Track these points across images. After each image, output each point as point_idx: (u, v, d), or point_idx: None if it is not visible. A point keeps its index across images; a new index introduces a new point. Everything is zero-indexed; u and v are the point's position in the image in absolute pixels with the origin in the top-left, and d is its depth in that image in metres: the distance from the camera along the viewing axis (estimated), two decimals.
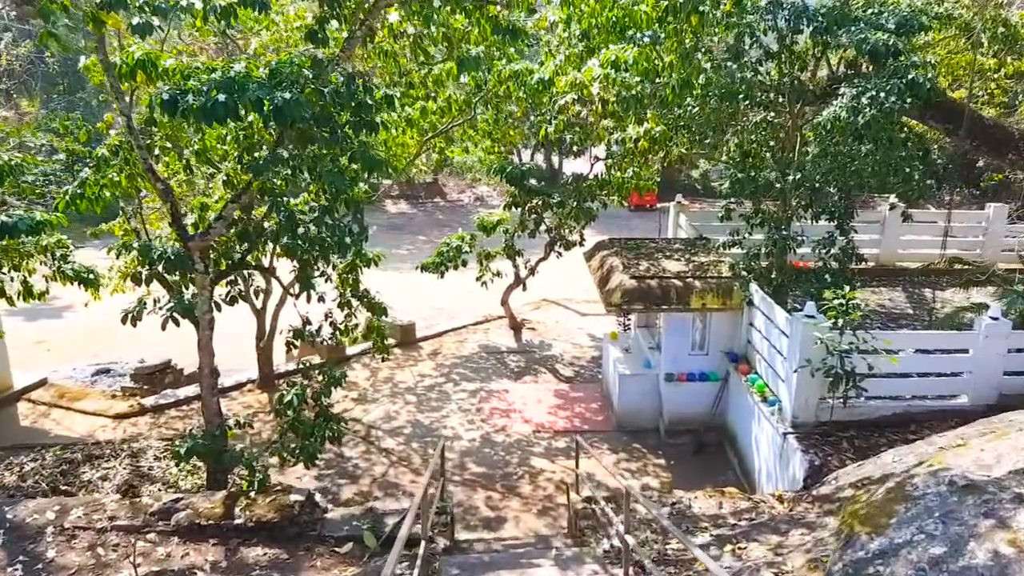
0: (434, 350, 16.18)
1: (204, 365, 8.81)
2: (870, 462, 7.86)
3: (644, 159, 13.93)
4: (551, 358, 15.80)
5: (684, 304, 11.34)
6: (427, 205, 37.84)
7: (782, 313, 9.99)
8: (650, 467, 11.52)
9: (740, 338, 11.62)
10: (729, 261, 12.12)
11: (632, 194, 35.63)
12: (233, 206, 7.55)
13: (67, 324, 19.83)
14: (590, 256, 13.49)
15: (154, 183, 7.69)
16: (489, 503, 10.61)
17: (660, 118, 11.75)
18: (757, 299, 10.99)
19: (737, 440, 11.38)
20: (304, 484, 10.93)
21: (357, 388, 14.24)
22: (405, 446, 12.13)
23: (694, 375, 11.87)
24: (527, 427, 12.68)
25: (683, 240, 13.97)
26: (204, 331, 8.54)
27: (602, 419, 12.93)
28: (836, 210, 11.14)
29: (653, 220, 27.28)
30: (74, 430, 12.33)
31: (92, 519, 6.91)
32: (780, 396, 10.00)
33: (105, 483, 9.54)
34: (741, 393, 11.15)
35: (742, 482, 11.02)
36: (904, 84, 10.34)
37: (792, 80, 11.90)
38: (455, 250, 15.10)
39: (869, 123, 10.07)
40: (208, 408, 8.86)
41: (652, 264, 12.24)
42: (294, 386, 8.89)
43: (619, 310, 11.74)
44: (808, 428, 9.48)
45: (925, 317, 13.76)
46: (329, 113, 6.96)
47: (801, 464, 8.94)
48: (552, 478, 11.18)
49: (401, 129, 13.16)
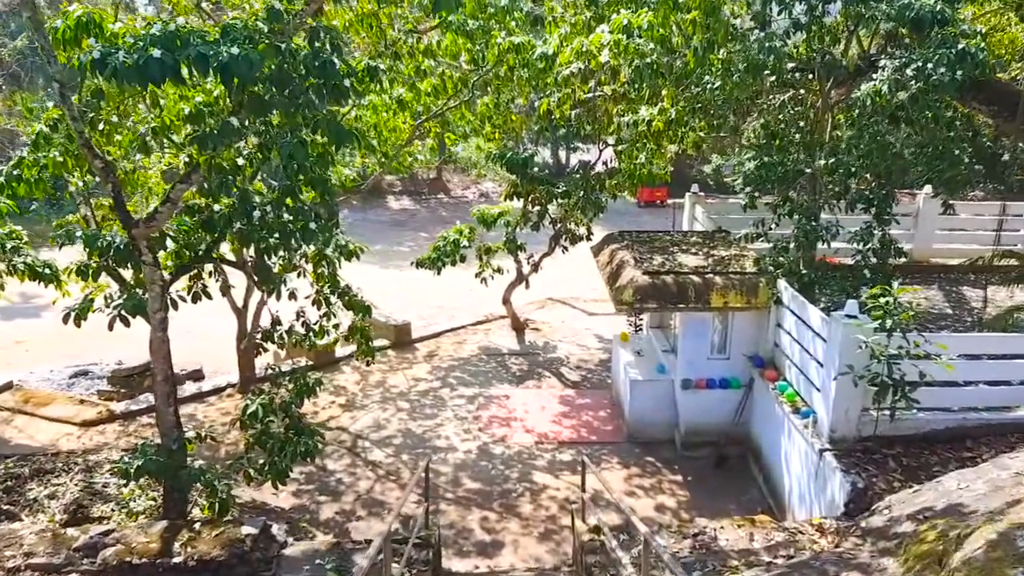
0: (430, 352, 15.06)
1: (157, 371, 7.70)
2: (928, 488, 6.69)
3: (658, 145, 12.75)
4: (556, 361, 14.66)
5: (703, 302, 10.18)
6: (430, 201, 36.69)
7: (817, 313, 8.82)
8: (665, 484, 10.38)
9: (766, 341, 10.44)
10: (753, 255, 10.95)
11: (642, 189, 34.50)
12: (182, 187, 6.45)
13: (48, 324, 18.78)
14: (598, 250, 12.34)
15: (91, 160, 6.61)
16: (485, 524, 9.50)
17: (677, 96, 10.59)
18: (787, 297, 9.82)
19: (763, 454, 10.21)
20: (280, 501, 9.86)
21: (345, 393, 13.14)
22: (394, 458, 11.02)
23: (714, 381, 10.70)
24: (529, 437, 11.56)
25: (701, 233, 12.79)
26: (155, 332, 7.44)
27: (611, 429, 11.79)
28: (875, 197, 9.94)
29: (664, 217, 26.11)
30: (36, 439, 11.28)
31: (3, 556, 5.83)
32: (815, 407, 8.83)
33: (52, 502, 8.48)
34: (768, 402, 9.98)
35: (768, 501, 9.86)
36: (954, 55, 9.14)
37: (823, 55, 10.71)
38: (452, 244, 13.97)
39: (915, 96, 8.88)
40: (163, 420, 7.76)
41: (667, 259, 11.08)
42: (260, 394, 7.80)
43: (630, 309, 10.59)
44: (848, 444, 8.31)
45: (967, 318, 12.56)
46: (288, 75, 5.85)
47: (842, 486, 7.77)
48: (556, 496, 10.05)
49: (392, 111, 12.05)
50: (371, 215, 33.78)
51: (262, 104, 5.95)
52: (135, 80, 5.55)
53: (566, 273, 18.81)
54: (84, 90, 7.82)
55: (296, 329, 8.50)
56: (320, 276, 8.52)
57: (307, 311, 9.46)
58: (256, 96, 5.89)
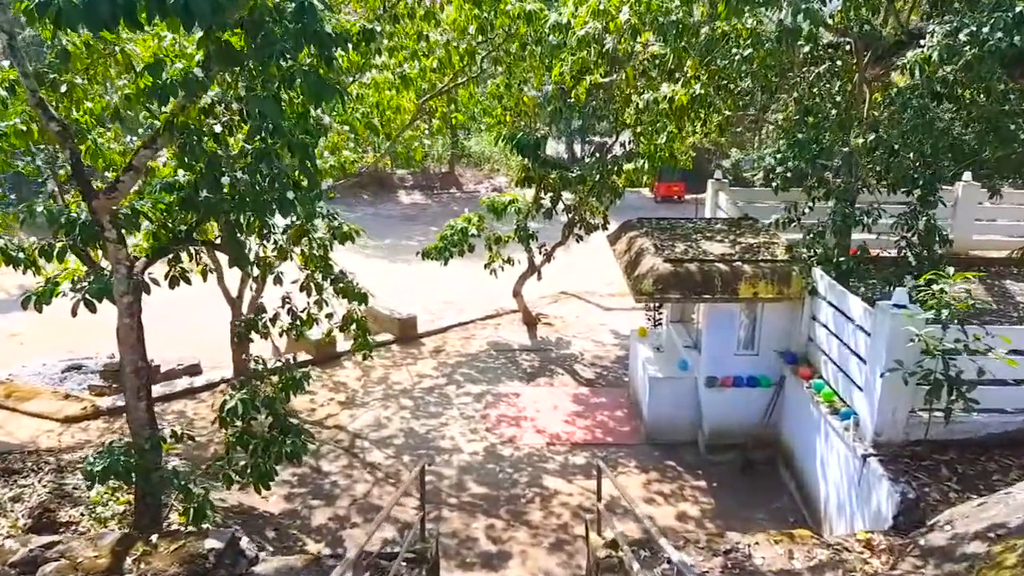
0: (436, 347, 14.27)
1: (126, 362, 6.98)
2: (997, 501, 5.82)
3: (680, 128, 11.89)
4: (569, 357, 13.82)
5: (730, 293, 9.32)
6: (442, 196, 35.93)
7: (860, 303, 7.95)
8: (687, 490, 9.53)
9: (799, 335, 9.55)
10: (784, 242, 10.08)
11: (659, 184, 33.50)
12: (146, 152, 5.70)
13: (44, 317, 18.16)
14: (615, 238, 11.49)
15: (46, 122, 5.87)
16: (491, 533, 8.69)
17: (701, 70, 9.74)
18: (823, 286, 8.94)
19: (795, 459, 9.34)
20: (270, 506, 9.11)
21: (345, 390, 12.38)
22: (394, 459, 10.24)
23: (741, 379, 9.83)
24: (540, 438, 10.74)
25: (726, 220, 11.90)
26: (122, 318, 6.70)
27: (629, 430, 10.94)
28: (921, 178, 9.04)
29: (682, 213, 25.18)
30: (15, 435, 10.61)
31: None
32: (856, 407, 7.95)
33: (16, 505, 7.75)
34: (801, 402, 9.11)
35: (801, 511, 8.99)
36: (1011, 19, 8.24)
37: (862, 24, 9.82)
38: (460, 233, 13.15)
39: (970, 64, 7.98)
40: (134, 416, 7.02)
41: (690, 246, 10.22)
42: (241, 389, 7.04)
43: (650, 299, 9.75)
44: (895, 449, 7.44)
45: (1013, 313, 11.61)
46: (261, 19, 5.08)
47: (889, 496, 6.90)
48: (568, 502, 9.23)
49: (395, 88, 11.27)
50: (381, 210, 33.15)
51: (232, 54, 5.18)
52: (83, 23, 4.78)
53: (581, 266, 18.01)
54: (51, 54, 7.14)
55: (282, 317, 7.72)
56: (310, 259, 7.73)
57: (305, 300, 8.73)
58: (225, 45, 5.12)
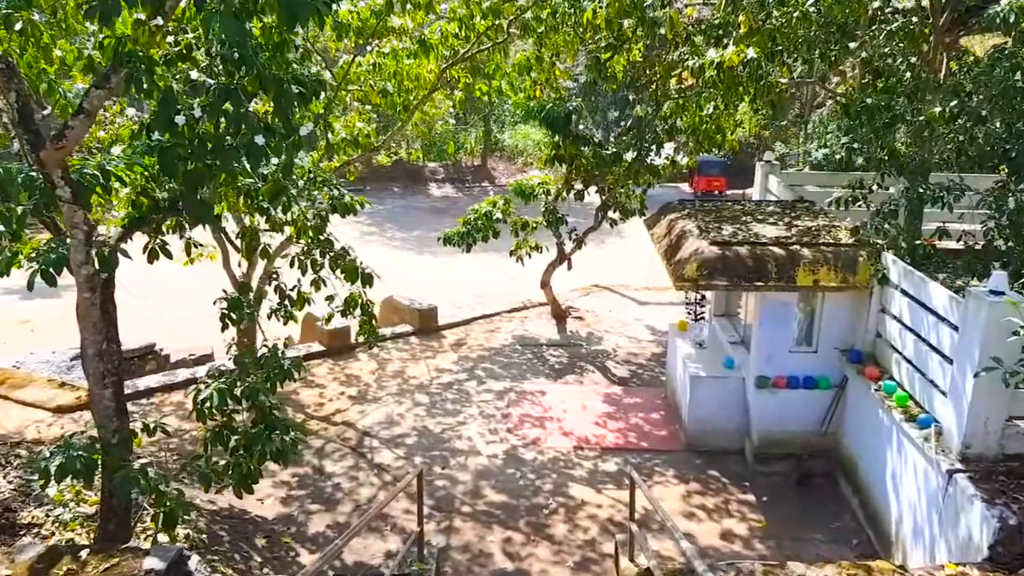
0: (458, 340, 13.27)
1: (87, 344, 6.13)
2: None
3: (728, 101, 10.74)
4: (601, 354, 12.71)
5: (787, 280, 8.14)
6: (474, 189, 35.05)
7: (944, 292, 6.74)
8: (733, 504, 8.39)
9: (866, 330, 8.31)
10: (849, 224, 8.86)
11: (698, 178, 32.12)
12: (98, 93, 4.79)
13: (56, 304, 17.77)
14: (654, 221, 10.37)
15: None
16: (508, 548, 7.66)
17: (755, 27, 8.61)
18: (896, 273, 7.72)
19: (859, 472, 8.13)
20: (264, 510, 8.20)
21: (358, 383, 11.45)
22: (405, 461, 9.26)
23: (797, 380, 8.64)
24: (567, 441, 9.67)
25: (779, 202, 10.69)
26: (82, 293, 5.84)
27: (666, 435, 9.82)
28: (1013, 150, 7.77)
29: None
30: (3, 425, 9.89)
31: None
32: (938, 414, 6.74)
33: None
34: (868, 407, 7.90)
35: (867, 533, 7.80)
36: None
37: None
38: (484, 217, 12.17)
39: None
40: (97, 406, 6.13)
41: (739, 228, 9.06)
42: (218, 377, 6.11)
43: (694, 287, 8.63)
44: (988, 464, 6.23)
45: None
46: None
47: (984, 521, 5.71)
48: (597, 515, 8.15)
49: (414, 56, 10.31)
50: (412, 202, 32.49)
51: None
52: None
53: (615, 257, 16.90)
54: None
55: (270, 295, 6.77)
56: (304, 230, 6.77)
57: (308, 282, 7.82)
58: None
